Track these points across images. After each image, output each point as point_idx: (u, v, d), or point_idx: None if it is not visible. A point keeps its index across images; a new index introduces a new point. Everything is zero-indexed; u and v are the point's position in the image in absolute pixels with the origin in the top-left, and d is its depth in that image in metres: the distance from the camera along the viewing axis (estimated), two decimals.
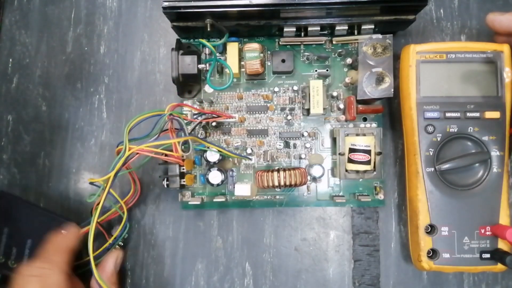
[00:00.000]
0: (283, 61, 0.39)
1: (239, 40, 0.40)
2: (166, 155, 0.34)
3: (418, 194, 0.36)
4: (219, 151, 0.37)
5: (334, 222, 0.41)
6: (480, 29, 0.42)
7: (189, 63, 0.37)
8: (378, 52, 0.37)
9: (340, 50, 0.40)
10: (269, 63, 0.40)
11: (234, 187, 0.38)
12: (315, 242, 0.41)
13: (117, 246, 0.39)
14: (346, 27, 0.37)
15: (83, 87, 0.42)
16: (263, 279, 0.40)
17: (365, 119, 0.40)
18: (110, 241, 0.38)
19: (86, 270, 0.38)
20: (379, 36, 0.37)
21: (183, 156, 0.36)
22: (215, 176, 0.37)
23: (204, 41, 0.37)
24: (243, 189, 0.37)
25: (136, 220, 0.41)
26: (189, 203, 0.39)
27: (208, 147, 0.37)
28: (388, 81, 0.36)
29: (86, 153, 0.42)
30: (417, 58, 0.37)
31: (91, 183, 0.36)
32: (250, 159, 0.40)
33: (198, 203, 0.39)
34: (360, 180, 0.40)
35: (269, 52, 0.40)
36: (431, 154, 0.36)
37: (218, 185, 0.37)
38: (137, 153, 0.34)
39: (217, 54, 0.39)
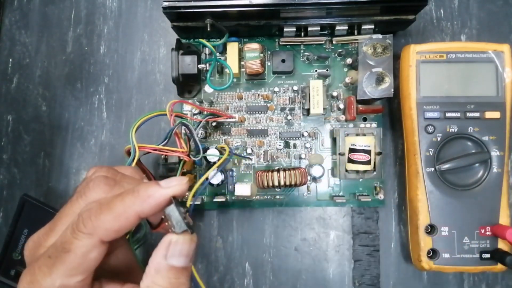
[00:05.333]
0: (283, 61, 0.39)
1: (239, 40, 0.40)
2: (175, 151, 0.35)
3: (418, 194, 0.36)
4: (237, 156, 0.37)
5: (334, 222, 0.41)
6: (480, 29, 0.42)
7: (189, 63, 0.37)
8: (378, 52, 0.37)
9: (340, 50, 0.40)
10: (269, 63, 0.40)
11: (234, 187, 0.38)
12: (315, 242, 0.41)
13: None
14: (346, 27, 0.37)
15: (83, 87, 0.42)
16: (263, 279, 0.40)
17: (365, 119, 0.40)
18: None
19: None
20: (379, 36, 0.37)
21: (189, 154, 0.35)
22: (215, 176, 0.37)
23: (204, 41, 0.37)
24: (243, 189, 0.37)
25: None
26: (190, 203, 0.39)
27: (208, 147, 0.37)
28: (388, 81, 0.36)
29: (86, 153, 0.42)
30: (417, 58, 0.37)
31: None
32: (251, 159, 0.40)
33: (198, 203, 0.39)
34: (360, 180, 0.40)
35: (269, 52, 0.40)
36: (431, 154, 0.36)
37: (218, 185, 0.37)
38: (148, 152, 0.34)
39: (217, 54, 0.39)
